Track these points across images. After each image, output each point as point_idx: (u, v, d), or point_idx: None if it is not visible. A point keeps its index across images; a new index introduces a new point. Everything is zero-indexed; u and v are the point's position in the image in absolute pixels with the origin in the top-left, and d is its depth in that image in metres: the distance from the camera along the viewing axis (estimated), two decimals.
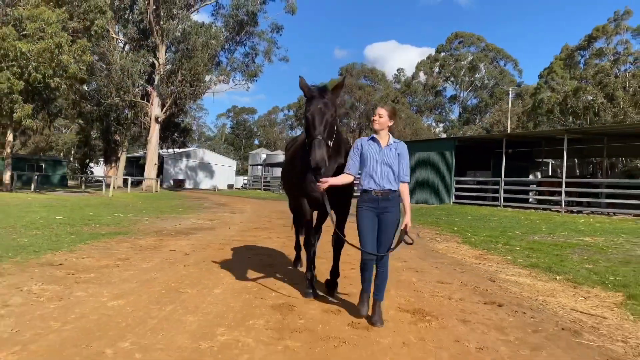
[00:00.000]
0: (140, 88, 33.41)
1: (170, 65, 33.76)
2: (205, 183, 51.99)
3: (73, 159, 49.04)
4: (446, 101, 72.04)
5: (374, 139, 3.56)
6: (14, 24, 18.35)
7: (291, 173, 4.24)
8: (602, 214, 16.14)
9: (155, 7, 31.44)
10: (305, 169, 3.65)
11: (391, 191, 3.46)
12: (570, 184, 17.41)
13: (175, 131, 40.14)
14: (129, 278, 4.49)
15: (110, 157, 37.30)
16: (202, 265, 5.30)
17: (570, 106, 40.55)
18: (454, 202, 20.72)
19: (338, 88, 3.60)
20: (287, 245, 7.34)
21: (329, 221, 3.82)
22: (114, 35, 31.70)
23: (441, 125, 72.13)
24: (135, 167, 45.30)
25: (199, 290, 4.13)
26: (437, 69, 68.35)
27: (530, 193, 21.16)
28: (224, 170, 54.73)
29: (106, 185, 25.82)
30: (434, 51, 70.02)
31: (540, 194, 20.09)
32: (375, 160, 3.48)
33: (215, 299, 3.86)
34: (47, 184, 30.80)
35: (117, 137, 36.53)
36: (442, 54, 68.07)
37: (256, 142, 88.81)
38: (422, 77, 68.95)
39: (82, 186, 30.18)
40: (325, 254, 5.56)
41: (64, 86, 20.52)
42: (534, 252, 7.83)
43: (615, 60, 41.83)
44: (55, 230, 7.77)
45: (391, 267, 3.73)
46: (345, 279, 4.72)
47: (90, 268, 4.89)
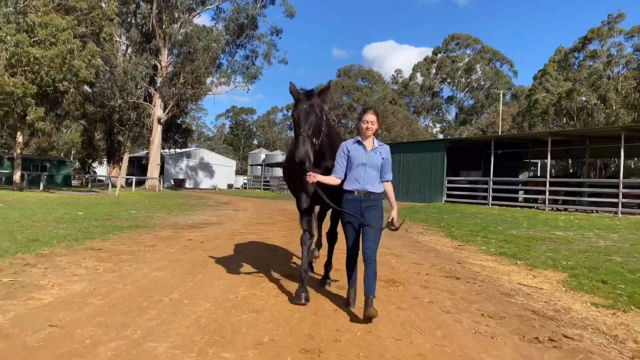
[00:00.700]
0: (142, 90, 34.32)
1: (172, 68, 34.72)
2: (206, 183, 52.94)
3: (73, 158, 49.91)
4: (443, 102, 73.11)
5: (360, 142, 3.63)
6: (25, 30, 19.32)
7: (289, 171, 4.46)
8: (584, 211, 17.18)
9: (157, 12, 32.39)
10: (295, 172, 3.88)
11: (374, 193, 3.56)
12: (553, 184, 18.50)
13: (177, 132, 41.07)
14: (160, 259, 5.54)
15: (113, 157, 38.26)
16: (217, 250, 6.34)
17: (564, 107, 41.57)
18: (445, 201, 21.76)
19: (324, 91, 3.79)
20: (287, 236, 8.38)
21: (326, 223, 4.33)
22: (117, 39, 32.61)
23: (438, 125, 73.20)
24: (136, 166, 46.19)
25: (220, 266, 5.18)
26: (433, 71, 69.41)
27: (519, 192, 22.24)
28: (223, 170, 55.69)
29: (112, 185, 26.80)
30: (432, 51, 71.03)
31: (526, 192, 21.17)
32: (362, 163, 3.55)
33: (234, 270, 4.94)
34: (52, 183, 31.69)
35: (120, 138, 37.47)
36: (439, 56, 69.07)
37: (255, 142, 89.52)
38: (419, 78, 70.02)
39: (88, 185, 31.13)
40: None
41: (73, 89, 21.53)
42: (506, 244, 8.81)
43: (608, 62, 42.77)
44: (82, 224, 8.79)
45: None
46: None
47: (125, 252, 5.93)
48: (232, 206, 18.41)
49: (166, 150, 44.12)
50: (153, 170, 34.42)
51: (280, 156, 48.32)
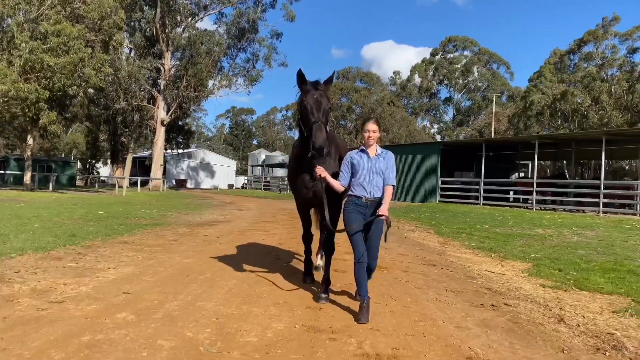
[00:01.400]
0: (145, 92, 35.26)
1: (175, 71, 35.73)
2: (206, 183, 53.89)
3: (74, 158, 50.81)
4: (440, 103, 74.34)
5: (363, 151, 3.81)
6: (38, 38, 20.33)
7: (293, 173, 4.57)
8: (570, 211, 18.24)
9: (161, 16, 33.40)
10: (301, 169, 4.08)
11: (380, 199, 3.71)
12: (540, 184, 19.58)
13: (179, 133, 42.05)
14: (185, 250, 6.58)
15: (116, 158, 39.26)
16: (232, 244, 7.38)
17: (559, 109, 42.58)
18: (439, 201, 22.83)
19: (329, 82, 3.98)
20: (291, 232, 9.42)
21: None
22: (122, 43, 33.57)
23: (435, 126, 74.35)
24: (138, 167, 47.14)
25: (237, 255, 6.23)
26: (431, 72, 70.56)
27: (510, 192, 23.32)
28: (224, 171, 56.65)
29: (119, 186, 27.78)
30: (430, 51, 72.15)
31: (515, 192, 22.25)
32: (366, 170, 3.72)
33: (250, 258, 5.99)
34: (58, 184, 32.59)
35: (124, 139, 38.45)
36: (437, 57, 70.19)
37: (255, 142, 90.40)
38: (417, 79, 71.16)
39: (95, 186, 32.09)
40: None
41: (82, 94, 22.58)
42: (487, 240, 9.80)
43: (601, 65, 43.65)
44: (107, 222, 9.81)
45: None
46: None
47: (154, 245, 6.96)
48: (236, 206, 19.42)
49: (168, 151, 45.09)
50: (157, 170, 35.44)
51: (280, 157, 49.32)
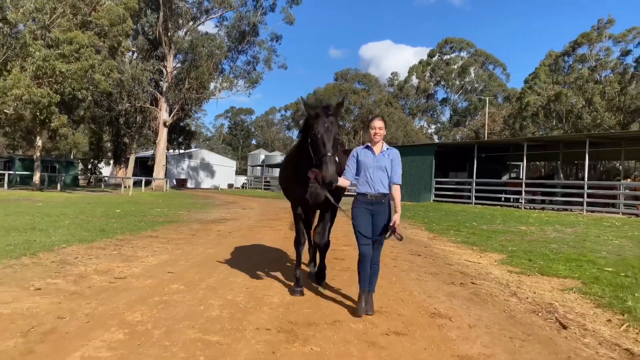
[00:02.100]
0: (148, 94, 36.18)
1: (176, 72, 36.69)
2: (207, 183, 54.79)
3: (74, 158, 51.62)
4: (437, 104, 75.42)
5: (369, 147, 3.92)
6: (50, 45, 21.27)
7: (289, 178, 4.68)
8: (557, 210, 19.27)
9: (164, 20, 34.36)
10: (302, 176, 4.12)
11: (384, 195, 3.86)
12: (529, 185, 20.65)
13: (180, 134, 42.98)
14: (205, 242, 7.58)
15: (119, 159, 40.19)
16: (244, 238, 8.40)
17: (553, 110, 43.61)
18: (434, 200, 23.89)
19: (339, 107, 3.99)
20: (294, 229, 10.41)
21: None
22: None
23: (433, 127, 75.42)
24: (139, 167, 47.98)
25: (251, 247, 7.24)
26: (428, 73, 71.62)
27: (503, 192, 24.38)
28: (224, 170, 57.57)
29: (124, 186, 28.73)
30: (428, 51, 73.20)
31: (506, 192, 23.32)
32: (371, 166, 3.84)
33: (262, 249, 7.02)
34: (63, 183, 33.43)
35: (126, 140, 39.38)
36: (434, 58, 71.23)
37: (254, 142, 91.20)
38: (415, 80, 72.24)
39: (101, 185, 33.01)
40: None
41: (90, 97, 23.56)
42: (473, 236, 10.76)
43: (595, 67, 44.58)
44: (127, 219, 10.80)
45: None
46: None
47: (176, 239, 7.96)
48: (240, 205, 20.40)
49: (170, 151, 45.98)
50: (159, 171, 36.38)
51: (279, 157, 50.28)
